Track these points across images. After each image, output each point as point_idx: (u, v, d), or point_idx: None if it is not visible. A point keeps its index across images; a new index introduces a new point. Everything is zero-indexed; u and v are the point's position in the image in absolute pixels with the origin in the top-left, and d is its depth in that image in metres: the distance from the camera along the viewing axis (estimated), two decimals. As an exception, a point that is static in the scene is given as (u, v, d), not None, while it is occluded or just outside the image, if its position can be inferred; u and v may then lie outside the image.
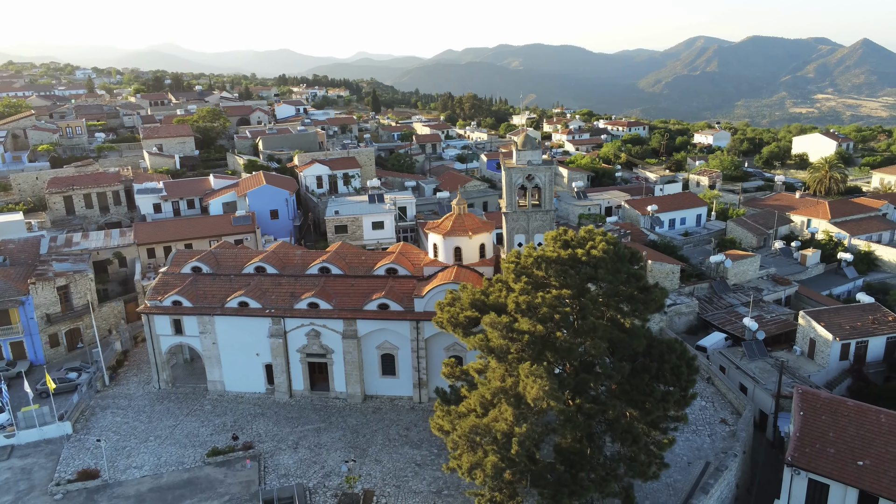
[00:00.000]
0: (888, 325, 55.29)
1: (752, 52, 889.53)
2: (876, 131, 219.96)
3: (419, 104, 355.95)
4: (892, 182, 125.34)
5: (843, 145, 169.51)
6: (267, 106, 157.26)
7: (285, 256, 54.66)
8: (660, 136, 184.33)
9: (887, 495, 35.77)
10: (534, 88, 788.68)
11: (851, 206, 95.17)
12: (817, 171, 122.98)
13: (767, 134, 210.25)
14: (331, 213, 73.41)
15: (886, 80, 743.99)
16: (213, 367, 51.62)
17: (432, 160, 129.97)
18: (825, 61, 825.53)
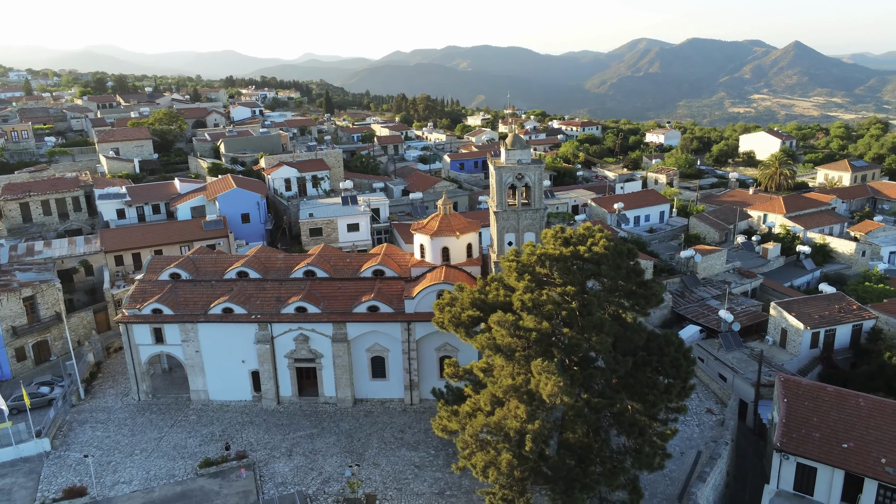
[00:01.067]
0: (853, 313, 57.98)
1: (691, 54, 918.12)
2: (814, 129, 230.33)
3: (371, 106, 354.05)
4: (836, 178, 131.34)
5: (786, 143, 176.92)
6: (223, 108, 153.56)
7: (267, 260, 53.64)
8: (614, 136, 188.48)
9: (872, 475, 37.46)
10: (482, 89, 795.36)
11: (804, 201, 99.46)
12: (768, 168, 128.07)
13: (714, 133, 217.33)
14: (305, 215, 72.34)
15: (817, 81, 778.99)
16: (197, 375, 50.19)
17: (394, 161, 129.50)
18: (760, 63, 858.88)
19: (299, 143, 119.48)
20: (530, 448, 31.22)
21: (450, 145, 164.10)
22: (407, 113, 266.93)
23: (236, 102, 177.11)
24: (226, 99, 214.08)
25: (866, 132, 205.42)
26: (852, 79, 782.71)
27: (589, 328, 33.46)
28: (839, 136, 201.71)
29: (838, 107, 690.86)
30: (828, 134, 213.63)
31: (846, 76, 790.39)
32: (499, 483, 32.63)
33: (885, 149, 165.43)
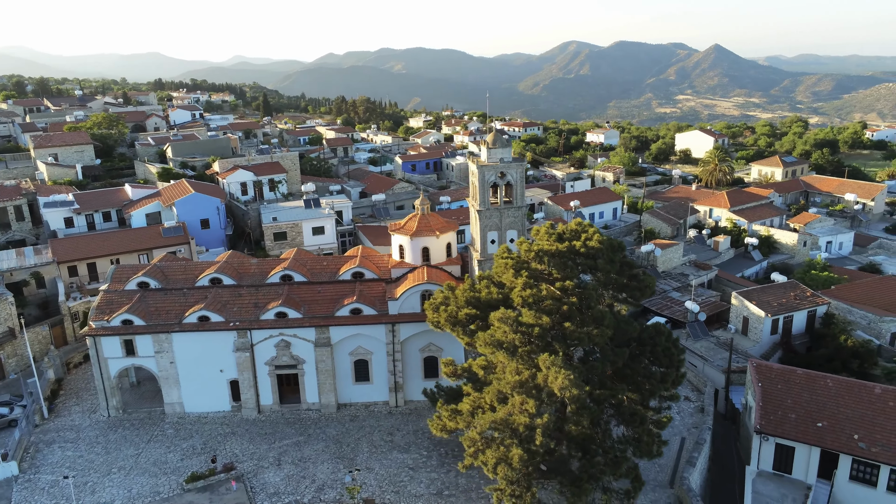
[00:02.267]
0: (808, 299, 61.18)
1: (619, 57, 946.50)
2: (742, 127, 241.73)
3: (310, 108, 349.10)
4: (769, 173, 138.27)
5: (719, 141, 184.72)
6: (161, 111, 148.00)
7: (240, 266, 52.14)
8: (556, 136, 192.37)
9: (847, 451, 39.66)
10: (418, 91, 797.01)
11: (746, 196, 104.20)
12: (708, 165, 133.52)
13: (650, 132, 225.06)
14: (268, 219, 70.58)
15: (736, 82, 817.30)
16: (171, 388, 48.24)
17: (348, 164, 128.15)
18: (684, 65, 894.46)
19: (246, 147, 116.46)
20: (541, 442, 31.56)
21: (397, 147, 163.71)
22: (348, 115, 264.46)
23: (174, 106, 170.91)
24: (156, 102, 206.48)
25: (789, 130, 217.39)
26: (768, 80, 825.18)
27: (589, 321, 34.12)
28: (765, 133, 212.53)
29: (756, 106, 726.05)
30: (754, 132, 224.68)
31: (762, 78, 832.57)
32: (507, 479, 32.77)
33: (809, 145, 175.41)
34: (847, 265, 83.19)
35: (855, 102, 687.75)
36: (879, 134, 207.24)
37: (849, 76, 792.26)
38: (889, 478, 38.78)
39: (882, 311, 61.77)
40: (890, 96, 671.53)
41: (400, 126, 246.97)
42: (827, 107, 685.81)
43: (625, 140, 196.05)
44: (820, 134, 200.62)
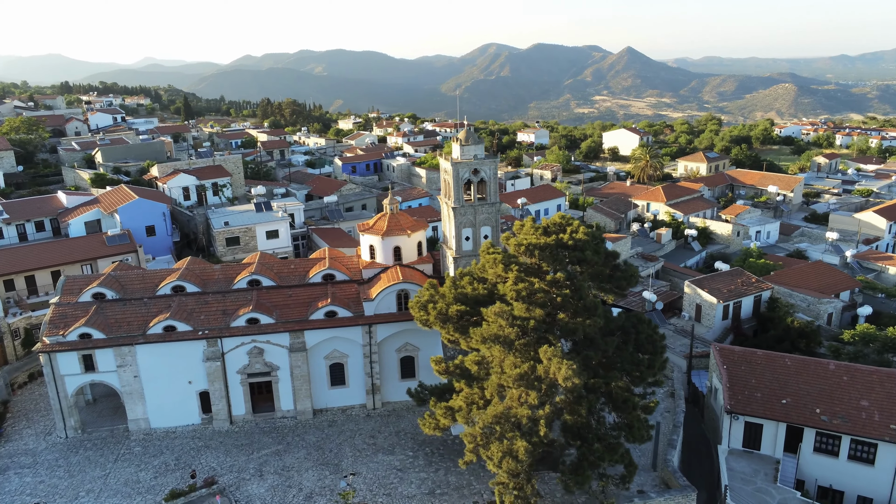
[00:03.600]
0: (753, 285, 64.65)
1: (538, 59, 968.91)
2: (662, 126, 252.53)
3: (231, 111, 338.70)
4: (694, 168, 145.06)
5: (644, 139, 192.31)
6: (81, 115, 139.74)
7: (203, 272, 50.06)
8: (490, 137, 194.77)
9: (811, 424, 42.18)
10: (340, 94, 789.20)
11: (679, 190, 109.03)
12: (639, 161, 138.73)
13: (578, 131, 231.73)
14: (219, 224, 67.95)
15: (648, 84, 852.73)
16: (135, 403, 45.70)
17: (288, 166, 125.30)
18: (599, 67, 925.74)
19: (177, 151, 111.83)
20: (544, 433, 31.96)
21: (332, 149, 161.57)
22: (275, 118, 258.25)
23: (94, 109, 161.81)
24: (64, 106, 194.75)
25: (706, 127, 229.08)
26: (677, 81, 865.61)
27: (582, 312, 34.82)
28: (684, 131, 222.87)
29: (668, 106, 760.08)
30: (673, 130, 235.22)
31: (672, 79, 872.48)
32: (510, 472, 32.93)
33: (726, 141, 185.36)
34: (776, 253, 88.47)
35: (756, 102, 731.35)
36: (786, 130, 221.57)
37: (749, 77, 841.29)
38: (850, 447, 41.49)
39: (818, 294, 66.07)
40: (787, 96, 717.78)
41: (329, 128, 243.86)
42: (731, 106, 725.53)
43: (555, 139, 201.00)
44: (734, 131, 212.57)
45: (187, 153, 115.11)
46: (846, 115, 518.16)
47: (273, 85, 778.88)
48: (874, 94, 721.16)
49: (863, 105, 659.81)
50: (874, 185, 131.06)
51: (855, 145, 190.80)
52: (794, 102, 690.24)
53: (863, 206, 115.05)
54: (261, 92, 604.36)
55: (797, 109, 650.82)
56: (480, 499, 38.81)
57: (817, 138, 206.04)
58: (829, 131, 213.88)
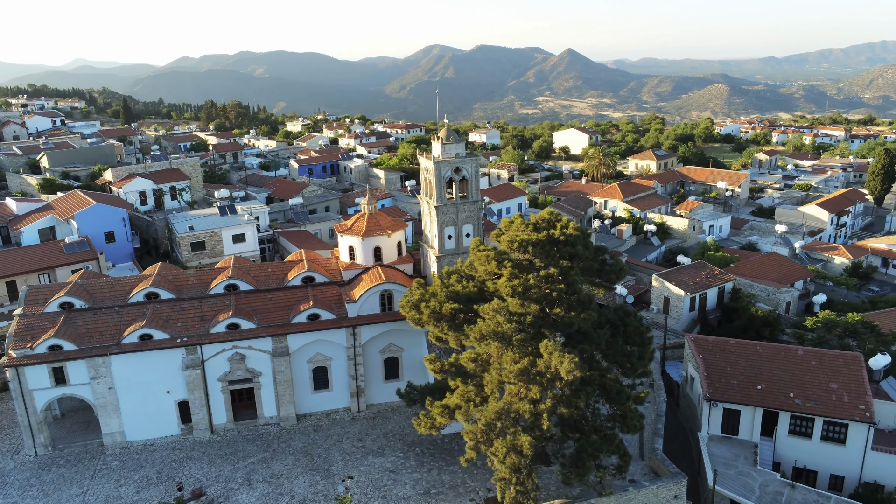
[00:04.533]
0: (717, 277, 66.85)
1: (482, 60, 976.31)
2: (608, 125, 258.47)
3: (173, 114, 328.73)
4: (644, 166, 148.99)
5: (593, 138, 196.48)
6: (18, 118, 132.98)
7: (176, 278, 48.43)
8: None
9: (786, 408, 43.94)
10: (282, 96, 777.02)
11: (635, 187, 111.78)
12: (592, 160, 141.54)
13: (528, 131, 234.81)
14: (183, 229, 65.76)
15: (590, 84, 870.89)
16: (110, 416, 43.81)
17: (235, 170, 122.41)
18: (541, 68, 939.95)
19: (126, 154, 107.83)
20: (547, 427, 32.27)
21: (284, 151, 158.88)
22: (220, 120, 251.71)
23: (31, 112, 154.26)
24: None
25: (650, 127, 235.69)
26: (616, 82, 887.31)
27: (576, 306, 35.32)
28: (630, 130, 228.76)
29: (608, 106, 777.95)
30: (619, 129, 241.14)
31: (612, 80, 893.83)
32: (513, 467, 33.08)
33: (671, 140, 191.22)
34: (730, 246, 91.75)
35: (692, 102, 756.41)
36: (726, 129, 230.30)
37: (685, 78, 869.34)
38: (822, 429, 43.41)
39: (776, 284, 68.91)
40: (720, 96, 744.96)
41: (277, 131, 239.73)
42: (668, 106, 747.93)
43: (507, 139, 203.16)
44: (678, 129, 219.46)
45: (135, 157, 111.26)
46: (775, 113, 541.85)
47: (213, 87, 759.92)
48: (800, 94, 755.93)
49: (790, 104, 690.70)
50: (812, 180, 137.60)
51: (790, 142, 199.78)
52: (727, 102, 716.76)
53: (803, 199, 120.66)
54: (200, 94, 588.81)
55: (730, 109, 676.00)
56: (476, 496, 38.89)
57: (755, 136, 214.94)
58: (765, 129, 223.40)
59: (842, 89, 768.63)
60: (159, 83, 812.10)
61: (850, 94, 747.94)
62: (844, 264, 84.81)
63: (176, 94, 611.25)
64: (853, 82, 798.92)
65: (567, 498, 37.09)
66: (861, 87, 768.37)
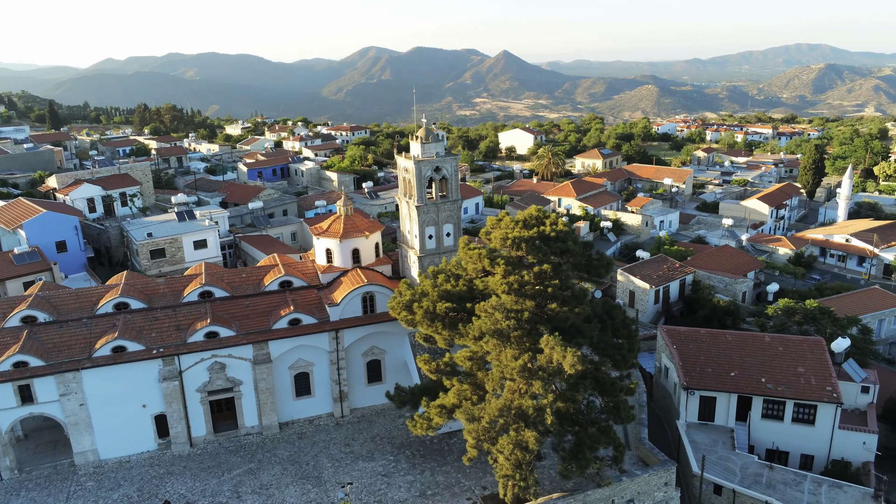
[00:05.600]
0: (678, 270, 69.07)
1: (418, 62, 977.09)
2: (550, 125, 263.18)
3: (102, 118, 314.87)
4: (591, 164, 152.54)
5: (538, 138, 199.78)
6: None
7: (145, 287, 46.41)
8: (390, 139, 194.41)
9: (759, 393, 45.77)
10: (215, 99, 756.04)
11: (587, 185, 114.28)
12: (542, 159, 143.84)
13: (473, 132, 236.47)
14: (141, 236, 63.00)
15: (526, 86, 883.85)
16: (82, 434, 41.55)
17: (181, 174, 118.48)
18: (478, 70, 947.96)
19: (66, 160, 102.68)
20: (551, 421, 32.57)
21: (229, 155, 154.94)
22: (155, 124, 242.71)
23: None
24: None
25: (591, 127, 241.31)
26: (551, 83, 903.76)
27: (570, 301, 35.79)
28: (572, 130, 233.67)
29: (544, 107, 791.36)
30: (561, 129, 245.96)
31: (547, 81, 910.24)
32: (515, 463, 33.21)
33: (612, 139, 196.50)
34: (681, 240, 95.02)
35: (623, 102, 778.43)
36: (663, 128, 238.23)
37: (616, 79, 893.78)
38: (793, 411, 45.43)
39: (732, 275, 71.74)
40: (650, 96, 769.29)
41: (216, 134, 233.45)
42: (601, 106, 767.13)
43: (453, 141, 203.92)
44: (619, 129, 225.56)
45: (73, 163, 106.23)
46: (702, 113, 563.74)
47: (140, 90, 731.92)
48: (724, 95, 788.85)
49: (715, 104, 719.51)
50: (748, 176, 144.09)
51: (723, 140, 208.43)
52: (656, 102, 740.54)
53: (742, 194, 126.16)
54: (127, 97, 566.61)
55: (660, 109, 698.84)
56: (473, 494, 38.86)
57: (690, 134, 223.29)
58: (700, 128, 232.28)
59: (762, 89, 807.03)
60: (82, 86, 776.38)
61: (770, 94, 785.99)
62: (788, 255, 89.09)
63: (101, 98, 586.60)
64: (772, 83, 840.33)
65: (562, 492, 37.50)
66: (779, 88, 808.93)
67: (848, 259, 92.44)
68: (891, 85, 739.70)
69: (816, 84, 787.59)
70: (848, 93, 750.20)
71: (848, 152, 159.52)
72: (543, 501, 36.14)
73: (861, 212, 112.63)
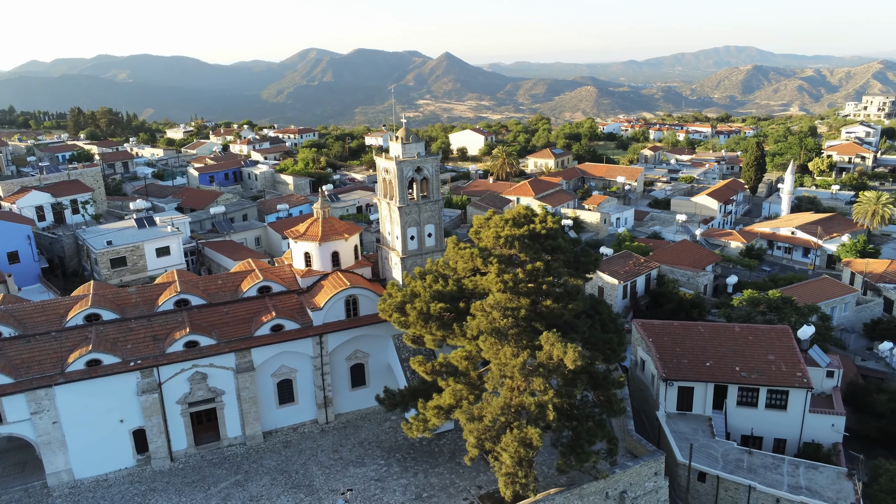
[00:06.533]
0: (643, 265, 70.79)
1: (360, 64, 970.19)
2: (498, 126, 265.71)
3: (31, 123, 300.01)
4: (543, 164, 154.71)
5: (488, 138, 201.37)
6: None
7: (116, 297, 44.44)
8: (340, 142, 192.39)
9: (734, 381, 47.35)
10: (150, 102, 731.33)
11: (544, 184, 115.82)
12: (496, 160, 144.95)
13: (423, 133, 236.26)
14: (100, 245, 60.16)
15: (468, 87, 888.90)
16: (55, 453, 39.40)
17: (127, 180, 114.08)
18: (420, 71, 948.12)
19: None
20: (553, 417, 32.84)
21: (175, 160, 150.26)
22: (91, 129, 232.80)
23: None
24: None
25: (539, 127, 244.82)
26: (493, 85, 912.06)
27: (564, 297, 36.20)
28: (521, 131, 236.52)
29: (487, 109, 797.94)
30: (509, 130, 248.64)
31: (489, 83, 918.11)
32: (518, 460, 33.33)
33: (561, 139, 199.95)
34: (638, 236, 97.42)
35: (564, 103, 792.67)
36: (608, 127, 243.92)
37: (557, 80, 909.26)
38: (767, 397, 47.18)
39: (693, 269, 74.00)
40: (589, 97, 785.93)
41: (156, 138, 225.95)
42: (543, 107, 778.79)
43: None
44: (566, 129, 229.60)
45: (10, 169, 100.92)
46: (639, 113, 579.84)
47: (68, 93, 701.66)
48: (660, 95, 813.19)
49: (651, 105, 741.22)
50: (694, 173, 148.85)
51: (666, 139, 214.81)
52: (596, 103, 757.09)
53: (689, 191, 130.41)
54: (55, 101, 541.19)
55: (599, 110, 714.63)
56: (469, 494, 38.78)
57: (634, 134, 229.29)
58: (643, 127, 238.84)
59: (695, 90, 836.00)
60: (5, 89, 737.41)
61: (702, 95, 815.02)
62: (739, 248, 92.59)
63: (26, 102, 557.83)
64: (704, 83, 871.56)
65: (558, 486, 37.84)
66: (711, 88, 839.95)
67: (794, 251, 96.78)
68: (812, 85, 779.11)
69: (745, 85, 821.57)
70: (774, 93, 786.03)
71: (783, 149, 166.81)
72: (542, 497, 36.38)
73: (802, 205, 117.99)
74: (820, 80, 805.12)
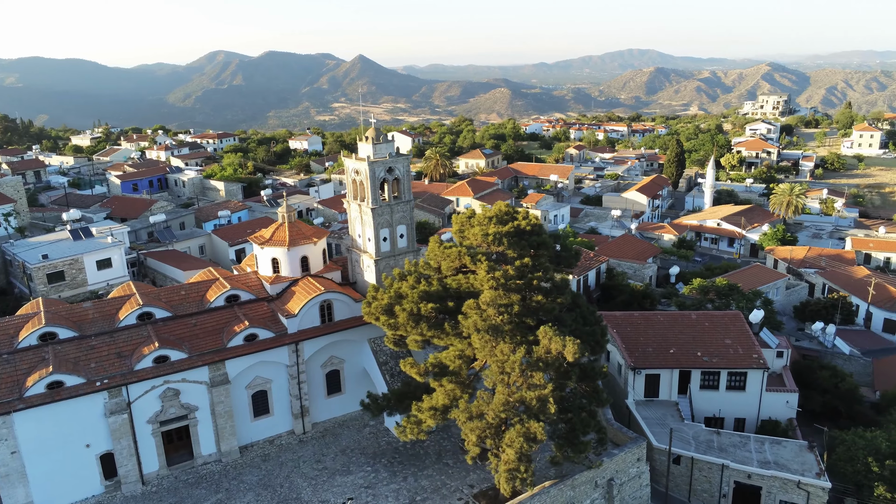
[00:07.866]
0: (593, 260, 72.75)
1: (271, 67, 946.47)
2: (422, 128, 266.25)
3: None
4: (475, 164, 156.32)
5: (416, 140, 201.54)
6: None
7: (71, 313, 41.34)
8: (266, 146, 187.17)
9: (698, 366, 49.55)
10: (43, 108, 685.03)
11: (481, 184, 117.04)
12: (430, 161, 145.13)
13: (348, 136, 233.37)
14: (34, 259, 55.61)
15: (383, 90, 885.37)
16: (15, 485, 36.14)
17: (40, 190, 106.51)
18: (334, 74, 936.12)
19: None
20: (554, 410, 33.21)
21: (89, 168, 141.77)
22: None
23: None
24: None
25: (463, 128, 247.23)
26: (408, 87, 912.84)
27: (553, 292, 36.72)
28: (446, 132, 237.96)
29: (403, 111, 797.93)
30: (434, 132, 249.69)
31: (404, 85, 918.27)
32: (520, 456, 33.48)
33: (487, 140, 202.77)
34: (578, 231, 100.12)
35: (479, 105, 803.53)
36: (530, 128, 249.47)
37: (471, 82, 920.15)
38: (727, 379, 49.61)
39: (638, 261, 76.88)
40: (503, 99, 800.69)
41: (60, 146, 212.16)
42: (459, 109, 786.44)
43: (330, 145, 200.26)
44: (490, 130, 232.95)
45: None
46: (552, 114, 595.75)
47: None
48: (570, 96, 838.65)
49: (563, 106, 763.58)
50: (618, 170, 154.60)
51: (586, 138, 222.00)
52: (510, 105, 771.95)
53: (617, 187, 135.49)
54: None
55: (513, 111, 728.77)
56: (463, 494, 38.64)
57: (556, 133, 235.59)
58: (564, 127, 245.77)
59: (603, 91, 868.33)
60: None
61: (610, 95, 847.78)
62: (672, 240, 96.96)
63: None
64: (611, 85, 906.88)
65: (551, 479, 38.32)
66: (617, 89, 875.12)
67: (720, 241, 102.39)
68: (709, 86, 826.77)
69: (649, 86, 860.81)
70: (675, 93, 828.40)
71: (697, 146, 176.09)
72: (537, 491, 36.73)
73: (721, 198, 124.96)
74: (716, 81, 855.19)
